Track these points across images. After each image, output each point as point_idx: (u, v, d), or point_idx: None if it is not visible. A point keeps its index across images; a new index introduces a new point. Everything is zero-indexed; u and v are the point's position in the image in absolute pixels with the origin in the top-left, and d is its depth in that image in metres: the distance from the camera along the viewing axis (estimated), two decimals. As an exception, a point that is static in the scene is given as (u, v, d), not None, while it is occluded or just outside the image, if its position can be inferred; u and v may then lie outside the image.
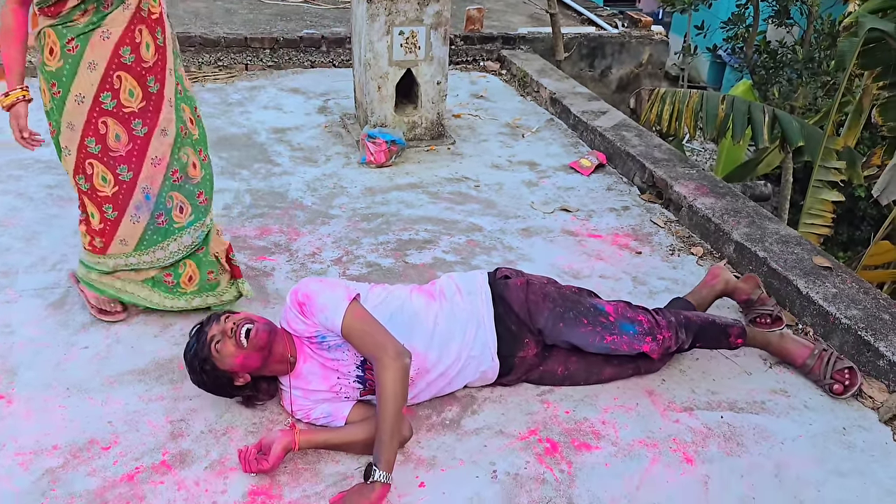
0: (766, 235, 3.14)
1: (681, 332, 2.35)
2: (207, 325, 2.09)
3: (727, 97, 5.65)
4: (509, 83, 5.49)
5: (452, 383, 2.29)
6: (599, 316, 2.30)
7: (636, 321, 2.32)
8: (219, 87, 5.10)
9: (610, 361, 2.36)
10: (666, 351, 2.34)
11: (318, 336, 2.14)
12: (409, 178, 3.88)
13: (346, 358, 2.15)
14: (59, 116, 2.33)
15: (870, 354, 2.51)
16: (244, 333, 2.03)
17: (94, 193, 2.43)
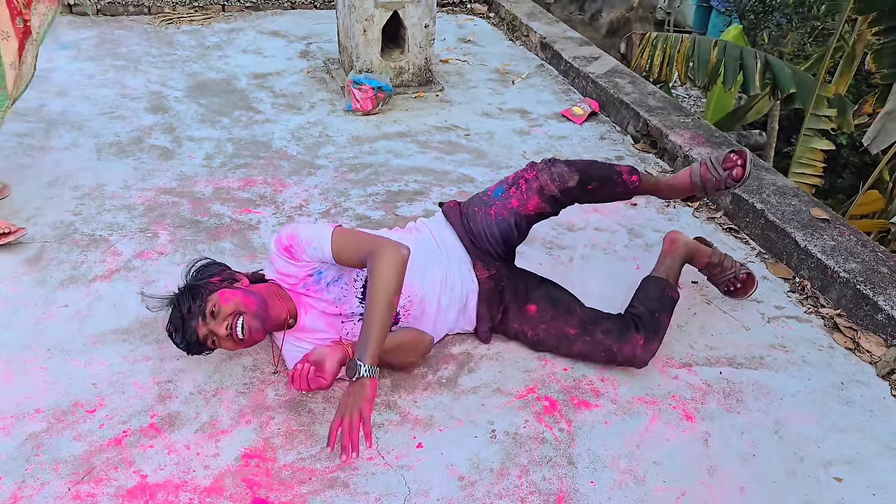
0: (763, 186, 3.08)
1: (556, 168, 2.23)
2: (191, 318, 1.95)
3: (719, 42, 5.52)
4: (497, 27, 5.32)
5: (448, 314, 2.24)
6: (483, 196, 2.32)
7: (503, 182, 2.30)
8: (195, 29, 4.88)
9: (580, 337, 2.22)
10: (543, 193, 2.22)
11: (314, 274, 2.06)
12: (397, 126, 3.75)
13: (347, 292, 2.09)
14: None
15: (868, 308, 2.48)
16: (240, 331, 1.93)
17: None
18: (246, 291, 2.00)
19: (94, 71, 4.23)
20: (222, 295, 1.96)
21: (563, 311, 2.24)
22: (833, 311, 2.58)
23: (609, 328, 2.22)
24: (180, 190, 3.11)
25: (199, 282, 2.03)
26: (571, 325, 2.23)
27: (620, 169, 2.30)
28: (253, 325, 1.94)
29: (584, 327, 2.22)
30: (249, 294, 1.99)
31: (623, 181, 2.29)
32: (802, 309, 2.60)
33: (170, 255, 2.70)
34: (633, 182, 2.30)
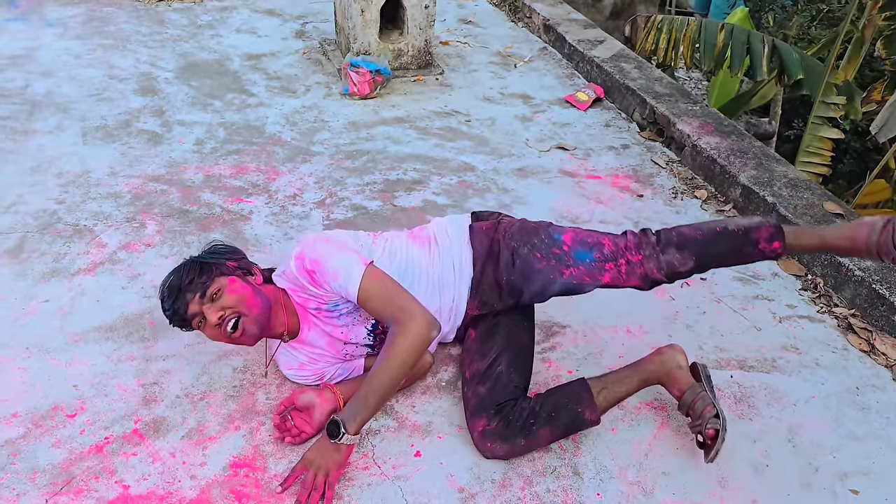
0: (774, 179, 2.97)
1: (668, 253, 1.86)
2: (189, 290, 1.78)
3: (726, 26, 5.38)
4: (499, 7, 5.17)
5: (450, 330, 2.09)
6: (553, 247, 1.93)
7: (595, 246, 1.91)
8: (187, 6, 4.73)
9: (467, 383, 1.95)
10: (647, 279, 1.88)
11: (329, 305, 1.88)
12: (396, 111, 3.63)
13: (357, 324, 1.93)
14: None
15: (884, 308, 2.39)
16: (230, 328, 1.78)
17: None
18: (256, 291, 1.83)
19: (81, 50, 4.08)
20: (232, 283, 1.80)
21: (481, 351, 1.99)
22: (847, 311, 2.48)
23: (483, 395, 1.88)
24: (169, 177, 2.99)
25: (214, 259, 1.86)
26: (472, 367, 1.96)
27: (758, 236, 1.86)
28: (248, 330, 1.79)
29: (474, 376, 1.94)
30: (258, 296, 1.82)
31: (760, 251, 1.87)
32: (815, 308, 2.51)
33: (157, 246, 2.59)
34: (775, 250, 1.88)
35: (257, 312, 1.79)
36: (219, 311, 1.76)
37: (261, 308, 1.80)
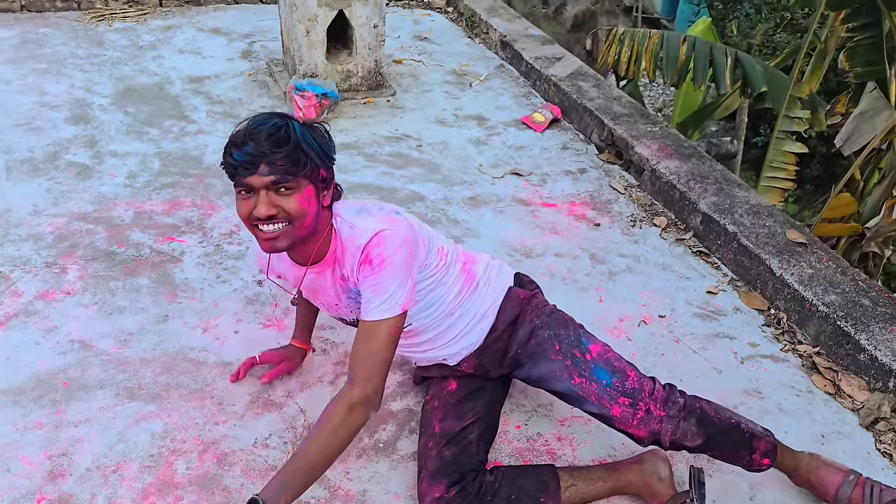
0: (735, 205, 2.86)
1: (688, 423, 1.70)
2: (261, 157, 1.48)
3: (688, 38, 5.30)
4: (456, 22, 5.03)
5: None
6: (576, 349, 1.77)
7: (619, 372, 1.73)
8: (128, 26, 4.52)
9: (420, 439, 1.84)
10: (654, 437, 1.70)
11: (356, 291, 1.68)
12: (344, 136, 3.46)
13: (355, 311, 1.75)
14: None
15: (849, 347, 2.27)
16: (271, 227, 1.53)
17: None
18: (317, 213, 1.59)
19: (12, 76, 3.87)
20: (307, 193, 1.55)
21: (460, 410, 1.84)
22: (811, 349, 2.36)
23: (448, 459, 1.74)
24: (97, 215, 2.80)
25: (317, 151, 1.56)
26: (446, 423, 1.81)
27: (757, 446, 1.76)
28: (280, 242, 1.55)
29: (445, 434, 1.78)
30: (315, 219, 1.59)
31: (751, 461, 1.77)
32: (778, 346, 2.38)
33: (78, 295, 2.40)
34: (764, 465, 1.78)
35: (303, 234, 1.59)
36: (274, 209, 1.52)
37: (308, 232, 1.59)
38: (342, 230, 1.65)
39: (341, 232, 1.65)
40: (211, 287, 2.47)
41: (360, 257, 1.60)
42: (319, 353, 2.21)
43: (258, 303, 2.41)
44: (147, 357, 2.17)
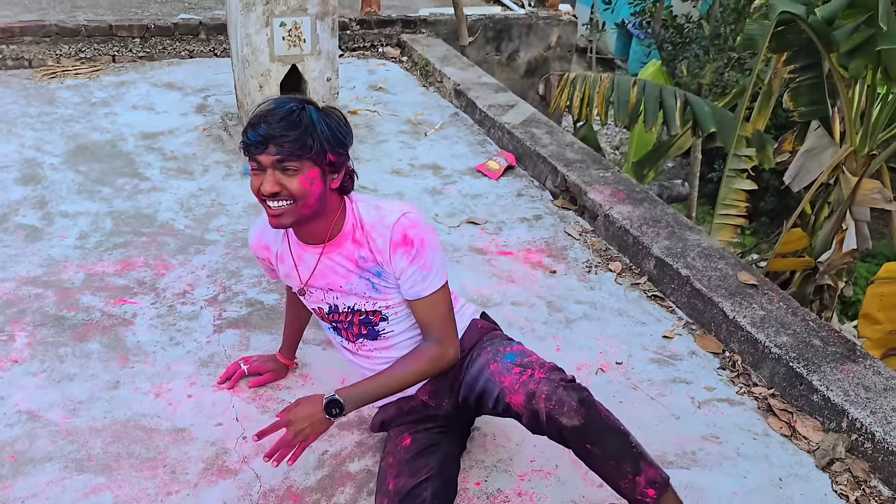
0: (687, 248, 2.91)
1: (567, 396, 1.64)
2: (271, 143, 1.59)
3: (638, 81, 5.44)
4: (411, 72, 5.09)
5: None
6: (499, 345, 1.84)
7: (525, 354, 1.78)
8: (80, 83, 4.49)
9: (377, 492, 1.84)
10: (529, 400, 1.65)
11: (373, 268, 1.77)
12: (299, 190, 3.45)
13: (356, 295, 1.83)
14: None
15: (802, 388, 2.31)
16: (275, 205, 1.64)
17: None
18: (322, 195, 1.67)
19: (-40, 137, 3.81)
20: (311, 175, 1.63)
21: (413, 466, 1.81)
22: (766, 391, 2.39)
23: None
24: (46, 279, 2.74)
25: (325, 136, 1.64)
26: (399, 480, 1.78)
27: (645, 469, 1.65)
28: (284, 219, 1.66)
29: (398, 492, 1.75)
30: (320, 200, 1.67)
31: (634, 483, 1.64)
32: (734, 389, 2.41)
33: (26, 363, 2.33)
34: (648, 497, 1.65)
35: (306, 213, 1.68)
36: (278, 186, 1.61)
37: (312, 211, 1.68)
38: (366, 213, 1.76)
39: (364, 215, 1.76)
40: (164, 350, 2.42)
41: (392, 237, 1.71)
42: (272, 409, 2.16)
43: (212, 364, 2.37)
44: (97, 426, 2.11)
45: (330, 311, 1.89)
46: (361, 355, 1.95)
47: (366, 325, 1.88)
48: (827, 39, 4.15)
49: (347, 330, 1.91)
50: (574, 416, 1.62)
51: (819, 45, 4.29)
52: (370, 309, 1.85)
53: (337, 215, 1.75)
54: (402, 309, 1.86)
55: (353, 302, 1.85)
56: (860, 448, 2.14)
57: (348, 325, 1.89)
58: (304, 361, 2.38)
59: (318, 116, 1.65)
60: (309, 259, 1.83)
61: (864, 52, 3.91)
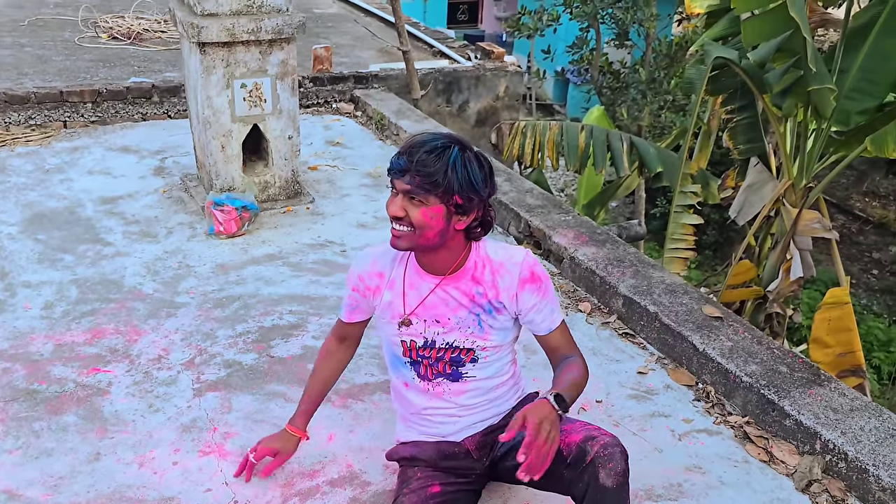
0: (652, 286, 3.01)
1: (620, 458, 1.73)
2: (409, 173, 1.70)
3: (586, 127, 5.65)
4: (366, 126, 5.18)
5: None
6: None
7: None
8: (32, 150, 4.42)
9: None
10: (587, 439, 1.76)
11: (486, 305, 1.86)
12: (267, 247, 3.46)
13: (460, 331, 1.89)
14: None
15: (775, 414, 2.40)
16: (397, 227, 1.75)
17: None
18: (442, 232, 1.75)
19: None
20: (434, 211, 1.72)
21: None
22: (741, 419, 2.48)
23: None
24: (13, 352, 2.67)
25: (462, 179, 1.70)
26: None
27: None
28: (402, 243, 1.78)
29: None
30: (439, 236, 1.76)
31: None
32: (711, 419, 2.49)
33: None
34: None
35: (422, 243, 1.77)
36: (402, 212, 1.74)
37: (430, 244, 1.78)
38: (493, 252, 1.88)
39: (492, 253, 1.88)
40: (143, 417, 2.38)
41: (521, 274, 1.84)
42: (260, 470, 2.14)
43: (195, 429, 2.33)
44: (80, 501, 2.06)
45: (424, 346, 1.91)
46: (434, 395, 1.96)
47: (453, 365, 1.92)
48: (759, 81, 4.41)
49: (432, 367, 1.93)
50: (613, 476, 1.67)
51: (752, 86, 4.55)
52: (467, 346, 1.90)
53: (462, 253, 1.85)
54: (493, 354, 1.93)
55: (453, 338, 1.89)
56: (835, 468, 2.23)
57: (436, 361, 1.92)
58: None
59: (459, 159, 1.72)
60: (423, 288, 1.88)
61: (794, 92, 4.15)
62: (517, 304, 1.86)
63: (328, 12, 8.08)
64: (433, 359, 1.92)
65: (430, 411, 1.97)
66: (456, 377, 1.93)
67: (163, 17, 6.70)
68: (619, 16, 8.06)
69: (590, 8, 8.14)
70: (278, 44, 3.56)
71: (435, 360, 1.92)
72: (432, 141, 1.73)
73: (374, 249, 1.99)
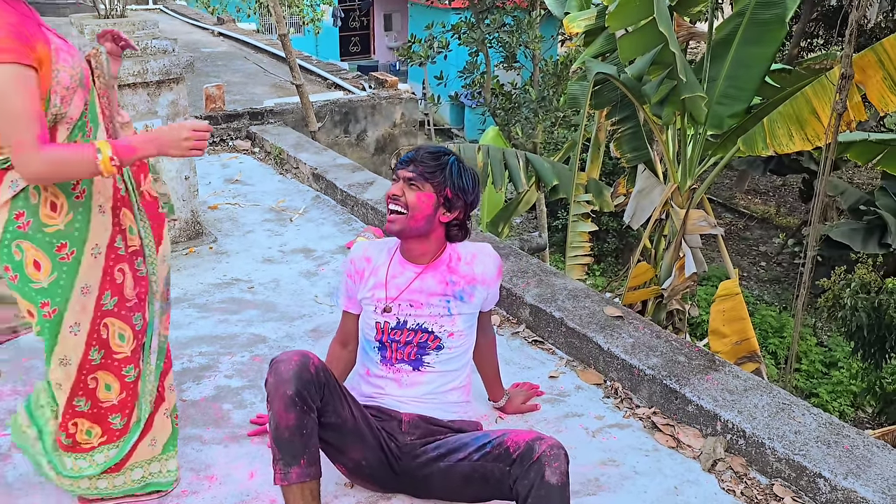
0: (556, 293, 3.14)
1: (565, 461, 1.86)
2: (413, 163, 2.05)
3: (482, 147, 5.82)
4: (265, 161, 5.16)
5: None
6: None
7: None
8: None
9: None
10: (535, 441, 1.89)
11: (459, 295, 2.15)
12: (173, 291, 3.39)
13: (429, 317, 2.14)
14: (69, 284, 1.84)
15: (678, 402, 2.55)
16: (392, 206, 2.06)
17: (110, 360, 1.95)
18: (430, 219, 2.07)
19: None
20: (428, 198, 2.04)
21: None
22: (648, 411, 2.62)
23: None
24: None
25: (454, 180, 2.06)
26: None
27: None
28: (395, 224, 2.06)
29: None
30: (426, 223, 2.07)
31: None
32: (620, 413, 2.62)
33: None
34: None
35: (412, 225, 2.06)
36: (400, 192, 2.04)
37: (417, 227, 2.07)
38: (462, 247, 2.20)
39: (461, 248, 2.20)
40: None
41: (496, 262, 2.21)
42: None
43: None
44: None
45: (396, 327, 2.14)
46: (392, 380, 2.14)
47: (418, 351, 2.14)
48: (638, 93, 4.68)
49: (398, 351, 2.14)
50: (558, 475, 1.80)
51: (632, 98, 4.83)
52: (433, 330, 2.13)
53: (440, 245, 2.17)
54: (455, 342, 2.16)
55: (423, 319, 2.13)
56: (735, 445, 2.39)
57: (403, 345, 2.11)
58: (207, 462, 2.33)
59: (455, 164, 2.09)
60: (406, 274, 2.16)
61: (670, 101, 4.44)
62: (487, 286, 2.19)
63: (217, 51, 8.01)
64: (402, 342, 2.12)
65: (382, 396, 2.14)
66: (417, 365, 2.12)
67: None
68: (505, 39, 8.36)
69: (477, 34, 8.40)
70: (167, 84, 3.53)
71: (403, 343, 2.11)
72: (437, 148, 2.13)
73: (367, 242, 2.32)
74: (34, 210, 1.80)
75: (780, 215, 13.67)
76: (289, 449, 1.84)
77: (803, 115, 4.09)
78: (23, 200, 1.79)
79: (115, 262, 1.93)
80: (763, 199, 14.58)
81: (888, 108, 3.86)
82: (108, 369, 1.97)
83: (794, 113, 4.13)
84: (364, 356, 2.23)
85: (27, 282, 1.82)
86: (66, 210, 1.84)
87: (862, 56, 3.85)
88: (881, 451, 2.24)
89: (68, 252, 1.84)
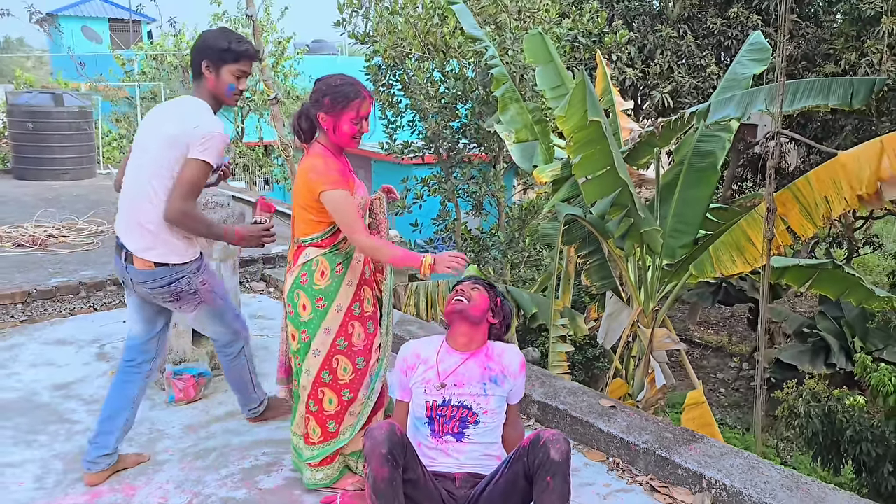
0: (558, 391, 3.77)
1: (564, 444, 2.47)
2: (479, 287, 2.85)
3: (468, 282, 6.54)
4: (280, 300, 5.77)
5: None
6: None
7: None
8: (-33, 353, 4.63)
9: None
10: (540, 434, 2.48)
11: (494, 379, 2.73)
12: (225, 406, 3.90)
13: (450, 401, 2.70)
14: (318, 324, 2.89)
15: (670, 468, 3.15)
16: (464, 299, 2.75)
17: (335, 383, 2.94)
18: (484, 316, 2.80)
19: None
20: (483, 297, 2.82)
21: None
22: (646, 477, 3.20)
23: None
24: (18, 521, 2.92)
25: (500, 296, 2.90)
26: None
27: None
28: (459, 308, 2.76)
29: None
30: (482, 317, 2.79)
31: None
32: (624, 481, 3.19)
33: (34, 591, 2.52)
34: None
35: (472, 312, 2.73)
36: (467, 289, 2.81)
37: (474, 317, 2.74)
38: (496, 346, 2.83)
39: (495, 346, 2.83)
40: (163, 552, 2.72)
41: (522, 361, 2.83)
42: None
43: (212, 554, 2.70)
44: None
45: (442, 404, 2.62)
46: (441, 450, 2.68)
47: (459, 424, 2.68)
48: (602, 230, 5.54)
49: (444, 425, 2.70)
50: (560, 452, 2.43)
51: (597, 235, 5.69)
52: (472, 407, 2.70)
53: (484, 339, 2.82)
54: (490, 419, 2.73)
55: (465, 398, 2.70)
56: (719, 497, 2.98)
57: (448, 419, 2.61)
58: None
59: (504, 298, 2.92)
60: (453, 359, 2.76)
61: (630, 235, 5.29)
62: (514, 379, 2.77)
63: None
64: (447, 417, 2.63)
65: (436, 464, 2.66)
66: (460, 437, 2.65)
67: (61, 224, 7.11)
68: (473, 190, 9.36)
69: (448, 185, 9.41)
70: (219, 233, 4.22)
71: (448, 418, 2.62)
72: (482, 280, 2.94)
73: (414, 341, 2.92)
74: (312, 273, 2.90)
75: (732, 343, 14.57)
76: (384, 499, 2.38)
77: (741, 242, 4.95)
78: (307, 267, 2.91)
79: (349, 319, 2.94)
80: (714, 329, 15.54)
81: (807, 235, 4.75)
82: (333, 389, 2.85)
83: (733, 241, 5.00)
84: (415, 432, 2.79)
85: (297, 317, 2.93)
86: (328, 278, 2.91)
87: (782, 193, 4.78)
88: (832, 493, 2.86)
89: (322, 304, 2.89)
